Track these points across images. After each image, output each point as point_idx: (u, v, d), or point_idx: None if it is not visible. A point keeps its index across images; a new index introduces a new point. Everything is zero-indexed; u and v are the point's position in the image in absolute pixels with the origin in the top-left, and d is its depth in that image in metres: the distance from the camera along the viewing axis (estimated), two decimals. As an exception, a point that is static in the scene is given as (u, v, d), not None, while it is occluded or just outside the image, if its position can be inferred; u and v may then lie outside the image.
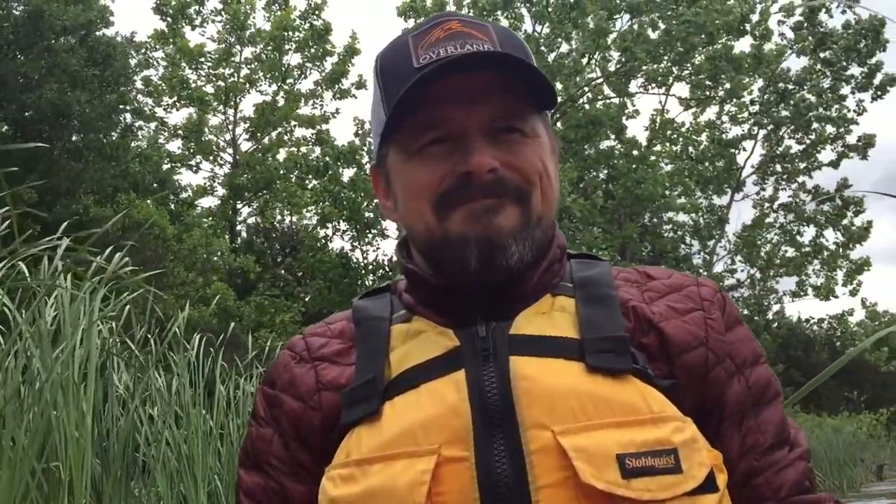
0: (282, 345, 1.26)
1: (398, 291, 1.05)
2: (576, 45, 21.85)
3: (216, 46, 23.03)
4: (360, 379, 0.94)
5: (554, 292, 0.98)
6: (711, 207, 24.85)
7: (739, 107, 23.83)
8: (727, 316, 0.99)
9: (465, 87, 0.93)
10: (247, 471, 1.02)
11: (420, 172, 0.95)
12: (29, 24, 15.03)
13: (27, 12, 15.13)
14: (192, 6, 22.94)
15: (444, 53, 0.94)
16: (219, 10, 23.05)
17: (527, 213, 0.94)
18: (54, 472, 2.84)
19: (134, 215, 11.73)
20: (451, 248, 0.93)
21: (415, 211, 0.97)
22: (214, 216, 22.58)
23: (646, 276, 1.02)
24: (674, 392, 0.90)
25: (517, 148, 0.95)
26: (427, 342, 0.94)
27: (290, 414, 0.99)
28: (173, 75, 22.72)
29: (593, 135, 21.13)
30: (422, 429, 0.85)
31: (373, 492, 0.83)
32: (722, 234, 24.80)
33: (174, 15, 22.79)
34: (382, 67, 1.01)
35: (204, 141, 23.32)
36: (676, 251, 24.73)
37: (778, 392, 0.99)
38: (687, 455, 0.83)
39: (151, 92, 22.75)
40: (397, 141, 0.98)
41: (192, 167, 23.66)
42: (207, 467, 3.64)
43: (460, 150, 0.93)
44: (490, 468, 0.82)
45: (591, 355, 0.88)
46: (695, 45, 20.16)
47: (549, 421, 0.83)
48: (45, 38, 14.98)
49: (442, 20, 0.99)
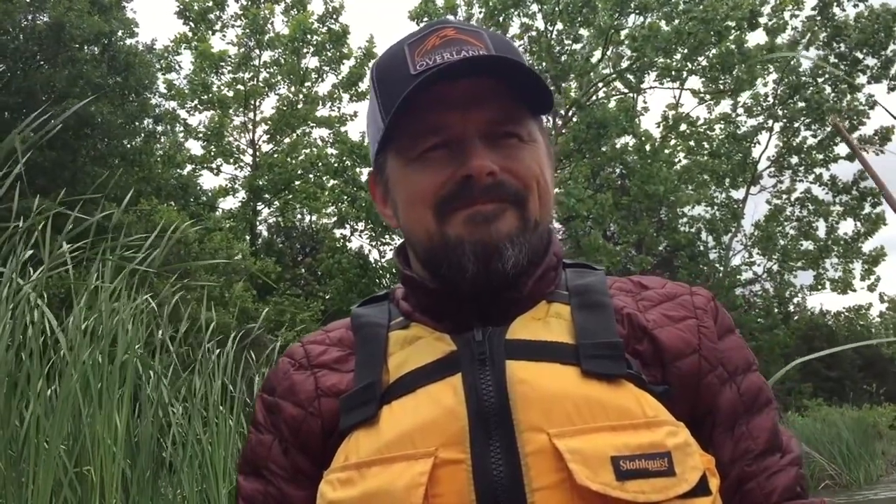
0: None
1: (396, 299, 1.06)
2: (587, 43, 21.91)
3: (236, 51, 23.36)
4: (358, 384, 0.96)
5: (549, 299, 0.99)
6: (727, 201, 24.76)
7: (755, 97, 23.74)
8: (720, 324, 1.01)
9: (463, 93, 0.94)
10: (246, 477, 1.03)
11: (420, 178, 0.96)
12: (51, 35, 15.36)
13: (48, 24, 15.46)
14: (213, 11, 23.29)
15: (440, 60, 0.95)
16: (239, 14, 23.41)
17: (524, 218, 0.96)
18: (86, 475, 3.01)
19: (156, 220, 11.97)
20: (449, 251, 0.94)
21: (415, 216, 0.98)
22: (235, 218, 22.90)
23: (640, 285, 1.04)
24: (667, 398, 0.91)
25: (515, 153, 0.96)
26: (424, 347, 0.95)
27: (289, 420, 1.00)
28: (196, 79, 23.06)
29: (603, 135, 21.14)
30: (419, 432, 0.86)
31: (371, 494, 0.85)
32: (738, 227, 24.71)
33: (196, 20, 23.16)
34: (379, 76, 1.02)
35: (224, 143, 23.63)
36: (693, 246, 24.63)
37: (770, 399, 1.00)
38: (680, 459, 0.84)
39: (174, 96, 23.11)
40: (396, 148, 0.99)
41: (212, 169, 24.00)
42: (227, 466, 3.81)
43: (460, 155, 0.94)
44: (486, 470, 0.83)
45: (587, 360, 0.89)
46: (705, 41, 20.15)
47: (544, 424, 0.84)
48: (67, 49, 15.30)
49: (437, 28, 1.00)
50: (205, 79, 23.16)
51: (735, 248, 25.09)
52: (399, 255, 1.08)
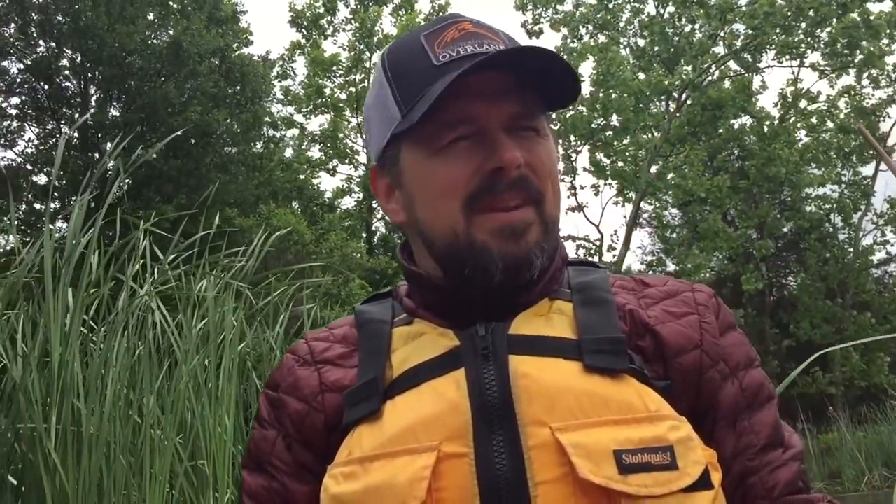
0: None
1: (399, 296, 1.06)
2: (702, 24, 21.23)
3: (347, 54, 23.93)
4: (361, 380, 0.96)
5: (552, 297, 0.99)
6: (855, 180, 23.50)
7: (881, 68, 22.40)
8: (721, 321, 1.01)
9: (487, 85, 0.93)
10: (250, 472, 1.04)
11: (447, 169, 0.95)
12: (171, 52, 16.24)
13: (167, 43, 16.35)
14: (325, 17, 23.99)
15: (463, 52, 0.95)
16: (348, 18, 24.02)
17: (544, 221, 0.96)
18: (201, 468, 3.19)
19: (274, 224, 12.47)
20: (475, 255, 0.94)
21: (441, 210, 0.96)
22: (352, 217, 23.51)
23: (642, 283, 1.04)
24: (669, 393, 0.91)
25: (533, 147, 0.96)
26: (428, 343, 0.95)
27: (293, 415, 1.00)
28: (310, 84, 23.81)
29: (719, 116, 20.40)
30: (423, 426, 0.86)
31: (374, 488, 0.85)
32: (868, 206, 23.44)
33: (308, 27, 23.93)
34: (393, 67, 1.00)
35: (340, 144, 24.28)
36: (820, 227, 23.53)
37: (772, 395, 1.00)
38: (682, 452, 0.84)
39: (290, 101, 23.95)
40: (415, 138, 0.96)
41: (329, 171, 24.69)
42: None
43: (486, 147, 0.94)
44: (489, 464, 0.83)
45: (589, 355, 0.90)
46: (827, 15, 19.14)
47: (547, 418, 0.84)
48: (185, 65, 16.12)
49: (453, 21, 0.99)
50: (318, 83, 23.87)
51: (866, 228, 23.86)
52: (403, 253, 1.07)
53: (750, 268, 20.75)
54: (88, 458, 2.66)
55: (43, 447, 2.54)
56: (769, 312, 23.60)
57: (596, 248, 22.01)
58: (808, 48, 21.46)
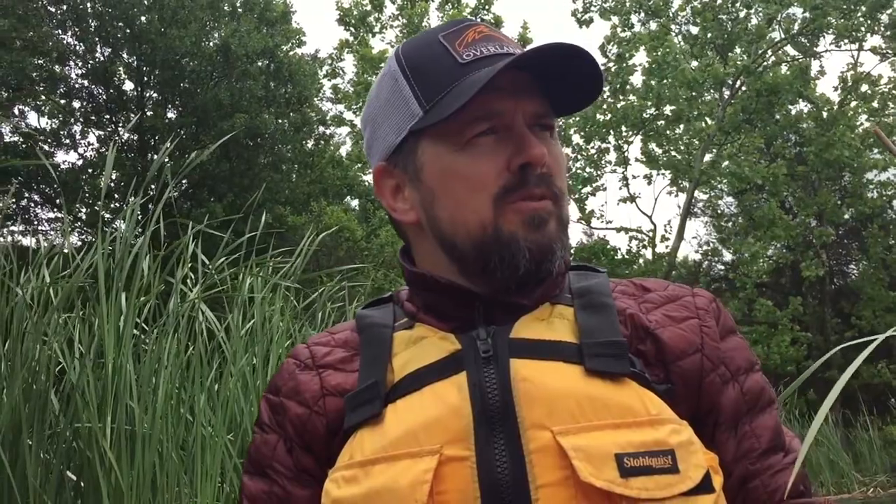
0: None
1: (400, 300, 1.07)
2: (756, 9, 20.76)
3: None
4: (363, 383, 0.96)
5: (553, 301, 0.99)
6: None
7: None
8: (722, 325, 1.01)
9: (512, 81, 0.95)
10: (251, 477, 1.04)
11: (476, 164, 0.96)
12: (221, 55, 16.52)
13: (216, 46, 16.63)
14: (372, 14, 24.14)
15: (486, 52, 0.97)
16: (395, 14, 24.13)
17: (560, 217, 0.98)
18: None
19: (325, 221, 12.62)
20: (503, 247, 0.95)
21: (469, 204, 0.96)
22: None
23: (642, 288, 1.05)
24: (670, 396, 0.92)
25: (551, 146, 0.99)
26: (429, 347, 0.95)
27: (294, 419, 1.00)
28: (359, 81, 24.00)
29: (775, 103, 19.93)
30: (424, 429, 0.87)
31: (375, 492, 0.85)
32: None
33: (356, 25, 24.10)
34: (413, 65, 1.01)
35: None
36: (883, 214, 22.85)
37: (772, 399, 1.01)
38: (684, 456, 0.84)
39: (340, 100, 24.18)
40: (437, 133, 0.97)
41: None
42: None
43: (513, 142, 0.95)
44: (491, 467, 0.83)
45: (590, 359, 0.90)
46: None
47: (548, 421, 0.85)
48: (235, 67, 16.40)
49: (469, 24, 1.01)
50: (367, 80, 24.04)
51: (931, 214, 23.10)
52: (404, 256, 1.08)
53: (809, 255, 20.29)
54: (142, 455, 2.76)
55: (99, 446, 2.64)
56: (830, 302, 23.05)
57: (649, 239, 21.75)
58: (868, 31, 20.87)
